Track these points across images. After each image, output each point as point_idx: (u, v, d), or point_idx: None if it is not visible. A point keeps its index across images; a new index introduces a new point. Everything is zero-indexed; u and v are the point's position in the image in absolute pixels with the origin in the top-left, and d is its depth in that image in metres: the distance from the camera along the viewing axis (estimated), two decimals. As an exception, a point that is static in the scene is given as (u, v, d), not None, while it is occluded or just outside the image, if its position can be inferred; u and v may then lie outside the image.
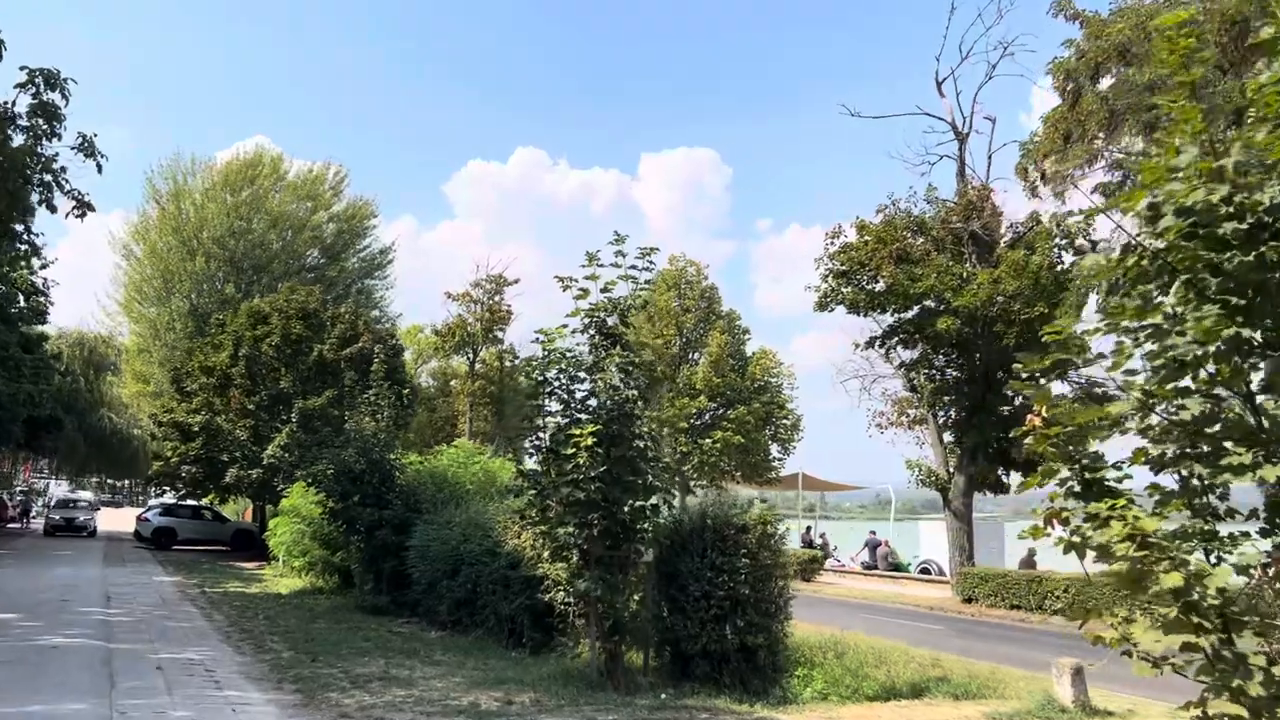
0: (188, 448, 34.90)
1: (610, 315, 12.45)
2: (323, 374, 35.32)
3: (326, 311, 36.95)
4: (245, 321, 35.83)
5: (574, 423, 11.85)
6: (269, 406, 35.00)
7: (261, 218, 65.38)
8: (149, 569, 28.98)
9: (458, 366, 65.57)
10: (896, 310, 24.96)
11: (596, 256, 12.56)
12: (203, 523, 41.52)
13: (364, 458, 20.34)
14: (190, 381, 35.84)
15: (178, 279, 64.18)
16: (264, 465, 33.53)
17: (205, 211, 64.38)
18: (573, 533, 11.34)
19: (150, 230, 65.62)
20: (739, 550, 11.86)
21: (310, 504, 24.08)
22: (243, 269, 62.04)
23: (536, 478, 12.16)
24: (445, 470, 20.60)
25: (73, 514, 44.17)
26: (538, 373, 12.24)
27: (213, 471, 34.76)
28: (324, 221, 67.56)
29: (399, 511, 19.81)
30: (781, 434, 40.81)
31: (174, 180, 65.61)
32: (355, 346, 35.45)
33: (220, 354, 35.53)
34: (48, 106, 17.80)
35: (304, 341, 35.28)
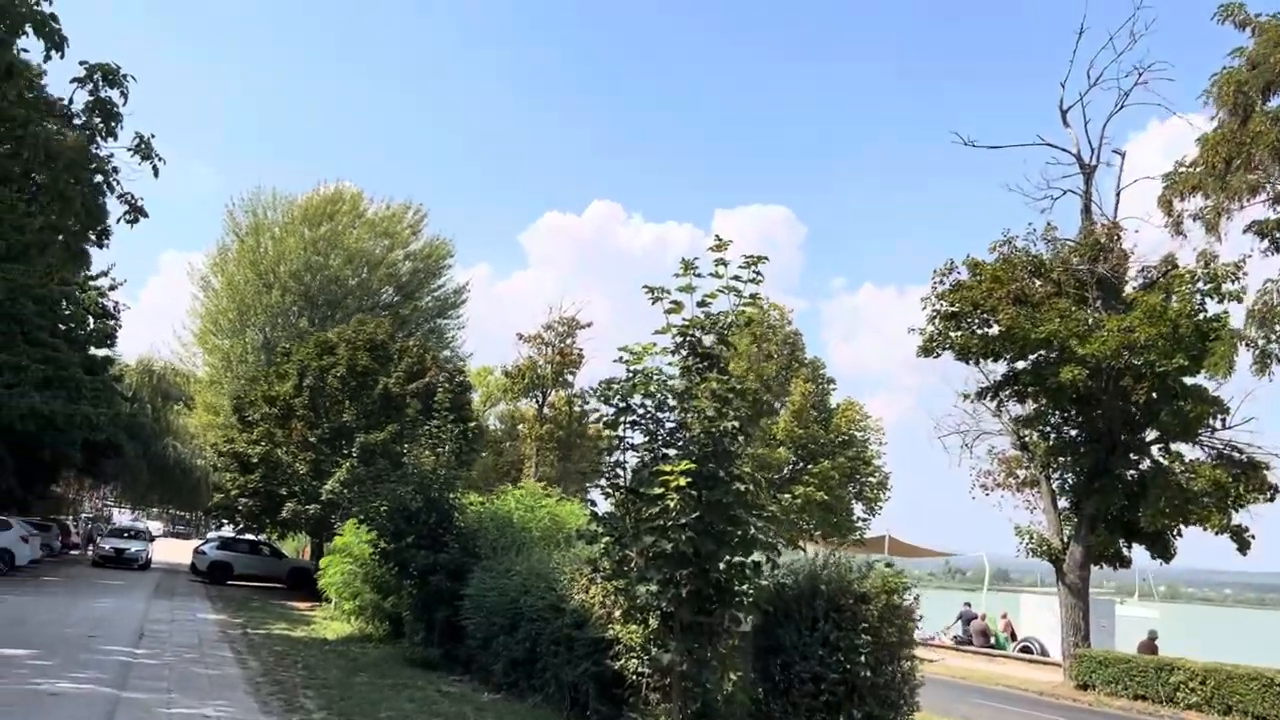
0: (246, 479, 33.64)
1: (707, 333, 10.50)
2: (387, 408, 33.86)
3: (394, 344, 35.62)
4: (312, 351, 34.65)
5: (661, 459, 9.86)
6: (330, 440, 33.61)
7: (338, 253, 65.24)
8: (196, 605, 27.50)
9: (526, 410, 64.21)
10: (1011, 358, 22.60)
11: (693, 264, 10.63)
12: (260, 558, 40.18)
13: (421, 495, 18.57)
14: (252, 411, 34.68)
15: (253, 312, 64.15)
16: (322, 501, 32.05)
17: (283, 245, 64.47)
18: (655, 591, 9.28)
19: (229, 263, 65.91)
20: (858, 624, 9.69)
21: (362, 543, 22.37)
22: (317, 304, 61.73)
23: (613, 523, 10.16)
24: (508, 513, 18.70)
25: (124, 544, 41.17)
26: (619, 397, 10.28)
27: (270, 505, 33.39)
28: (400, 260, 67.22)
29: (455, 555, 17.94)
30: (867, 492, 38.26)
31: (254, 214, 65.95)
32: (422, 381, 33.99)
33: (284, 384, 34.35)
34: (105, 104, 16.48)
35: (370, 374, 33.92)
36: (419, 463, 19.36)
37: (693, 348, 10.48)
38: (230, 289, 64.35)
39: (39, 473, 33.06)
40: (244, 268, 64.01)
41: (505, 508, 19.09)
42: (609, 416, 10.41)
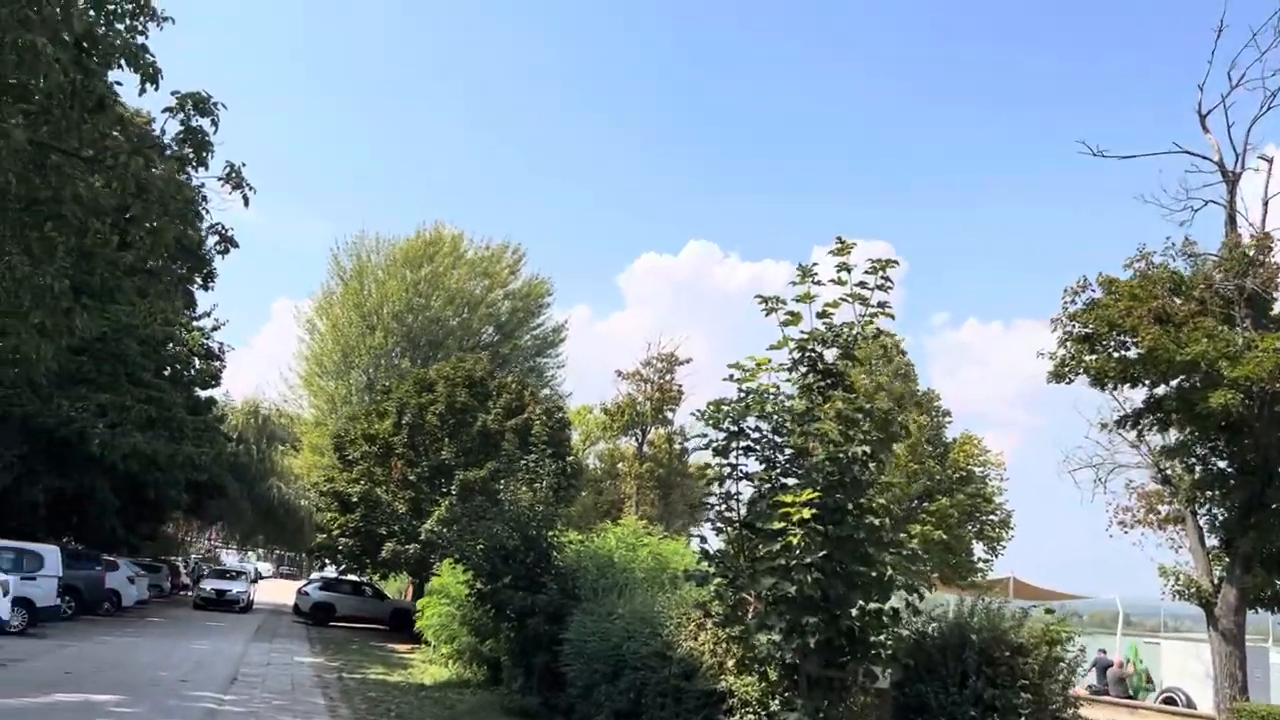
0: (346, 519, 33.39)
1: (829, 347, 9.32)
2: (486, 445, 33.25)
3: (493, 380, 35.11)
4: (411, 389, 34.37)
5: (779, 489, 8.68)
6: (430, 478, 33.16)
7: (439, 294, 65.69)
8: (295, 647, 27.06)
9: (625, 449, 63.37)
10: (1152, 383, 20.66)
11: (811, 271, 9.50)
12: (362, 599, 39.90)
13: (517, 533, 17.64)
14: (353, 449, 34.50)
15: (356, 353, 64.94)
16: (421, 540, 31.54)
17: (386, 288, 65.20)
18: (778, 641, 8.05)
19: (333, 306, 66.99)
20: (1015, 680, 8.29)
21: (459, 584, 21.56)
22: (419, 344, 62.12)
23: (726, 563, 8.99)
24: (609, 552, 17.61)
25: (225, 585, 40.48)
26: (729, 420, 9.14)
27: (370, 545, 33.03)
28: (500, 299, 67.35)
29: (554, 597, 16.92)
30: (988, 531, 36.07)
31: (358, 257, 66.99)
32: (520, 417, 33.32)
33: (384, 421, 34.09)
34: (196, 133, 16.12)
35: (469, 411, 33.43)
36: (516, 499, 18.45)
37: (813, 364, 9.32)
38: (335, 331, 65.37)
39: (145, 513, 33.33)
40: (348, 310, 64.96)
41: (605, 546, 18.02)
42: (719, 441, 9.27)
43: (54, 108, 14.39)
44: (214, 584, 40.27)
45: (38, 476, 26.29)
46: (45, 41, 12.39)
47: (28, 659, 17.43)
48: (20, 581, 21.89)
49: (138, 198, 15.98)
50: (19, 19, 12.32)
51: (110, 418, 26.26)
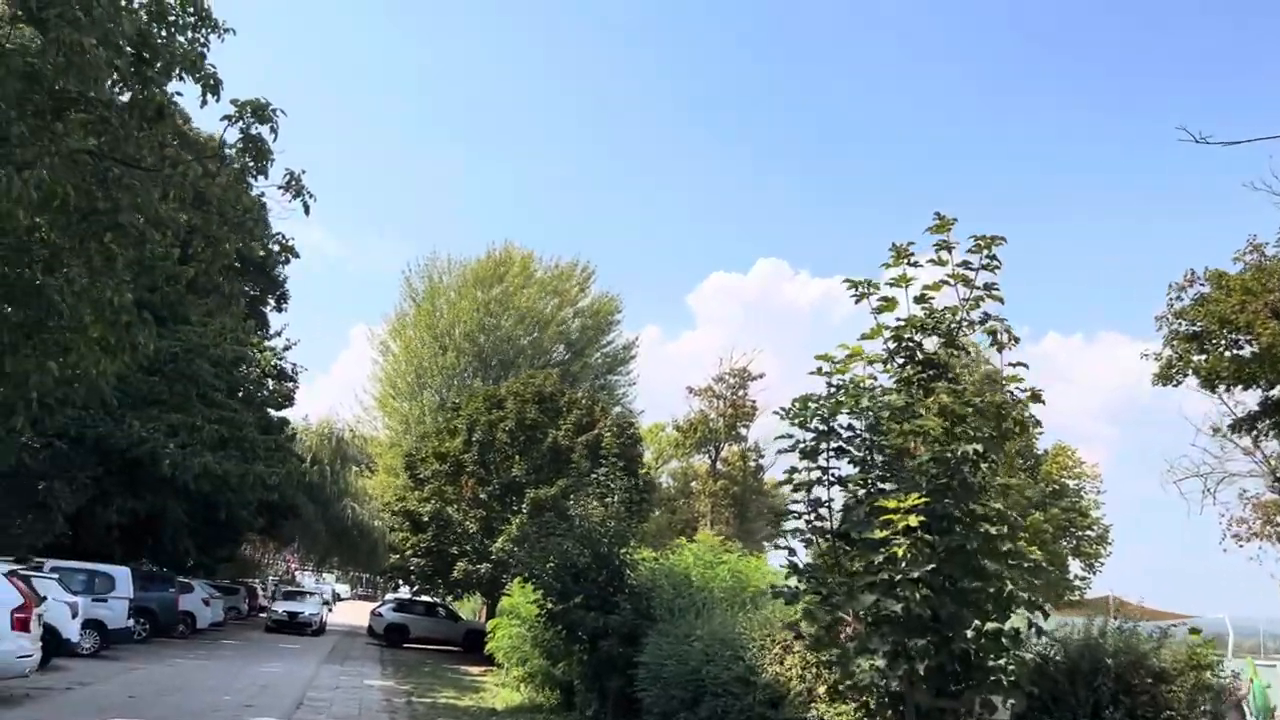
0: (418, 539, 32.95)
1: (929, 335, 8.34)
2: (557, 462, 32.60)
3: (563, 396, 34.45)
4: (481, 405, 33.87)
5: (877, 494, 7.71)
6: (500, 496, 32.58)
7: (510, 314, 65.67)
8: (366, 670, 26.56)
9: (698, 466, 62.38)
10: (1270, 383, 19.18)
11: (907, 251, 8.54)
12: (435, 620, 39.46)
13: (589, 550, 16.81)
14: (424, 468, 34.09)
15: (429, 374, 65.15)
16: (493, 559, 30.93)
17: (457, 308, 65.41)
18: (882, 668, 7.06)
19: (406, 327, 67.40)
20: (1159, 712, 7.18)
21: (529, 604, 20.81)
22: (490, 364, 62.03)
23: (818, 577, 8.02)
24: (685, 570, 16.68)
25: (297, 608, 39.46)
26: (818, 418, 8.19)
27: (442, 565, 32.52)
28: (570, 317, 67.09)
29: (628, 617, 16.05)
30: (1085, 547, 34.25)
31: (429, 279, 67.38)
32: (591, 433, 32.58)
33: (454, 439, 33.64)
34: (255, 141, 15.67)
35: (539, 427, 32.80)
36: (586, 515, 17.65)
37: (911, 354, 8.33)
38: (408, 353, 65.70)
39: (219, 535, 33.31)
40: (420, 331, 65.28)
41: (681, 564, 17.09)
42: (806, 443, 8.31)
43: (111, 117, 14.04)
44: (285, 606, 39.72)
45: (111, 498, 26.29)
46: (94, 43, 12.01)
47: (94, 682, 17.10)
48: (91, 603, 21.71)
49: (197, 209, 15.64)
50: (68, 19, 11.96)
51: (181, 438, 26.16)
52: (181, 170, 15.61)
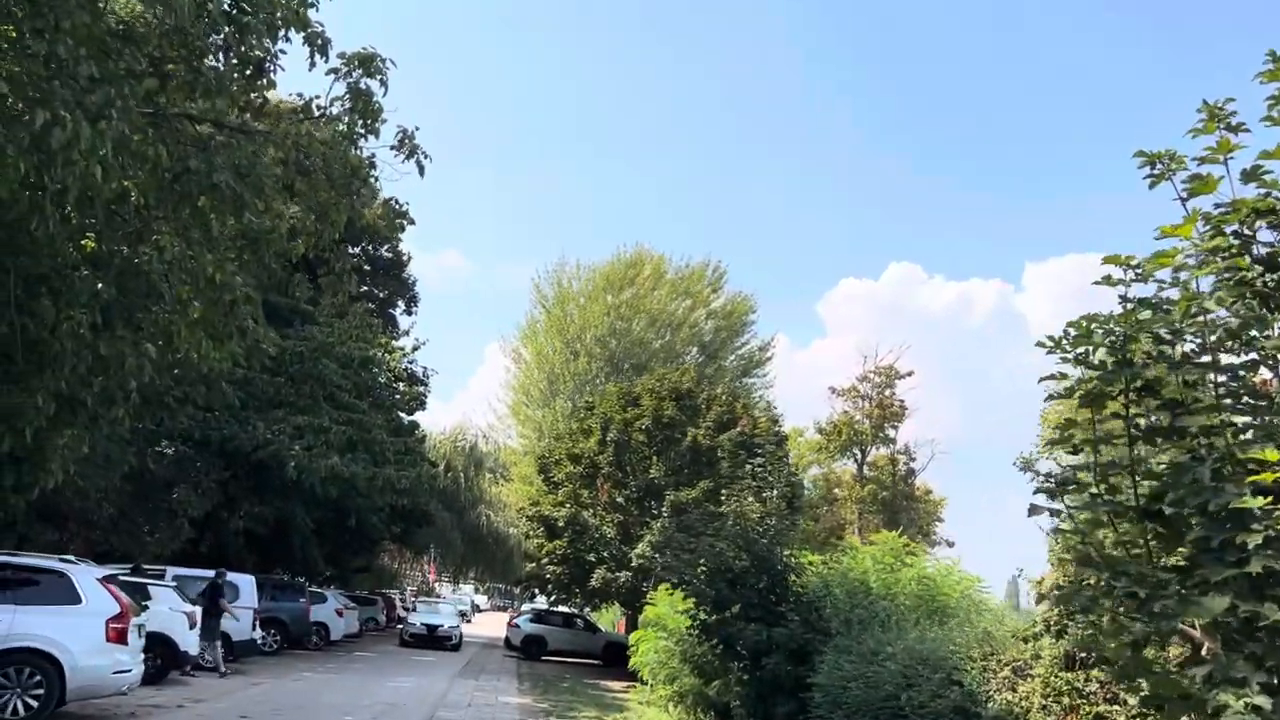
0: (554, 545, 31.20)
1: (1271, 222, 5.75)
2: (696, 462, 30.42)
3: (701, 393, 32.22)
4: (615, 404, 31.96)
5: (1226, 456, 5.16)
6: (639, 499, 30.59)
7: (641, 317, 64.18)
8: (502, 684, 24.80)
9: (842, 472, 59.21)
10: None
11: (1224, 112, 5.94)
12: (574, 632, 37.70)
13: (746, 552, 14.51)
14: (557, 470, 32.38)
15: (561, 380, 64.10)
16: (633, 567, 28.92)
17: (588, 313, 64.34)
18: (1267, 710, 4.52)
19: (537, 334, 66.63)
20: None
21: (677, 614, 18.61)
22: (622, 369, 60.47)
23: (1126, 571, 5.49)
24: (863, 576, 14.18)
25: (437, 620, 36.82)
26: (1109, 347, 5.69)
27: (579, 573, 30.67)
28: (702, 319, 65.13)
29: (796, 630, 13.68)
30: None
31: (559, 284, 66.50)
32: (733, 431, 30.26)
33: (588, 440, 31.82)
34: (363, 95, 13.92)
35: (676, 426, 30.66)
36: (742, 512, 15.33)
37: (1244, 249, 5.75)
38: (539, 359, 64.81)
39: (350, 542, 32.32)
40: (551, 337, 64.34)
41: (857, 568, 14.58)
42: (1088, 381, 5.82)
43: (204, 69, 12.47)
44: (423, 618, 37.56)
45: (237, 503, 25.37)
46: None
47: (207, 699, 15.68)
48: (214, 613, 20.54)
49: (302, 174, 14.01)
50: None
51: (307, 440, 25.02)
52: (284, 128, 14.04)
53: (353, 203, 13.69)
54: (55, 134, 9.47)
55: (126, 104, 10.71)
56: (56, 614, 11.94)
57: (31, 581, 12.15)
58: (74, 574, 12.23)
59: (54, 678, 11.55)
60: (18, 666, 11.53)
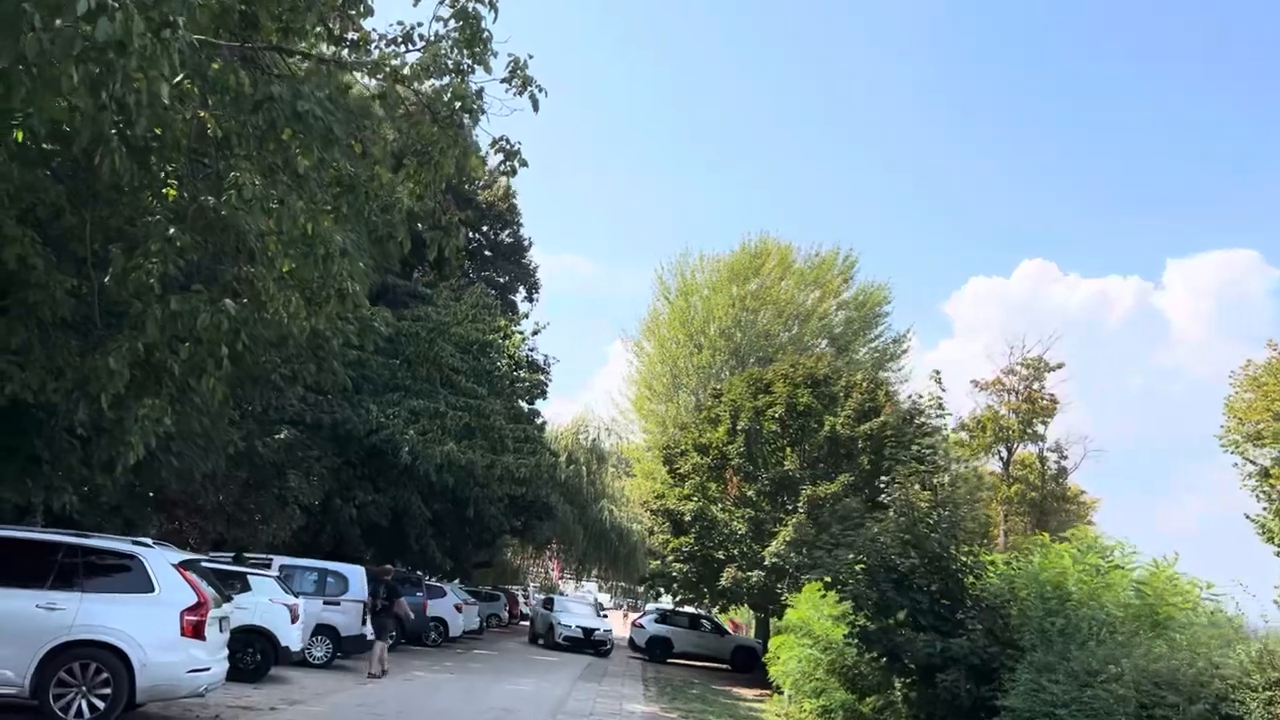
0: (680, 542, 29.19)
1: None
2: (834, 455, 27.99)
3: (839, 379, 29.74)
4: (744, 390, 29.77)
5: None
6: (771, 493, 28.34)
7: (767, 308, 61.89)
8: (626, 690, 22.92)
9: (982, 471, 55.48)
10: None
11: None
12: (700, 634, 35.68)
13: (915, 548, 12.22)
14: (683, 462, 30.38)
15: (684, 374, 62.25)
16: (766, 566, 26.70)
17: (711, 305, 62.42)
18: None
19: (660, 326, 64.93)
20: None
21: (824, 619, 16.39)
22: (747, 362, 58.26)
23: None
24: (1058, 578, 11.69)
25: (593, 624, 33.38)
26: None
27: (707, 571, 28.60)
28: (832, 310, 62.35)
29: (978, 642, 11.36)
30: None
31: (682, 276, 64.68)
32: (876, 421, 27.71)
33: (716, 430, 29.71)
34: (471, 20, 12.10)
35: (812, 414, 28.27)
36: (909, 501, 13.01)
37: None
38: (662, 353, 63.03)
39: (470, 535, 30.99)
40: (674, 330, 62.54)
41: (1050, 569, 12.07)
42: None
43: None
44: (578, 620, 33.60)
45: (350, 491, 24.19)
46: None
47: (304, 701, 14.24)
48: (322, 608, 19.27)
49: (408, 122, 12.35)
50: None
51: (422, 424, 23.69)
52: (380, 58, 12.40)
53: (460, 138, 11.89)
54: (102, 25, 7.76)
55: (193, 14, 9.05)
56: (126, 603, 10.55)
57: (100, 567, 10.78)
58: (147, 558, 10.80)
59: (122, 675, 10.13)
60: (83, 662, 10.15)
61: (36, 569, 10.57)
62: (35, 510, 13.50)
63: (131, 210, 11.93)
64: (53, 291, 11.37)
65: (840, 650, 15.04)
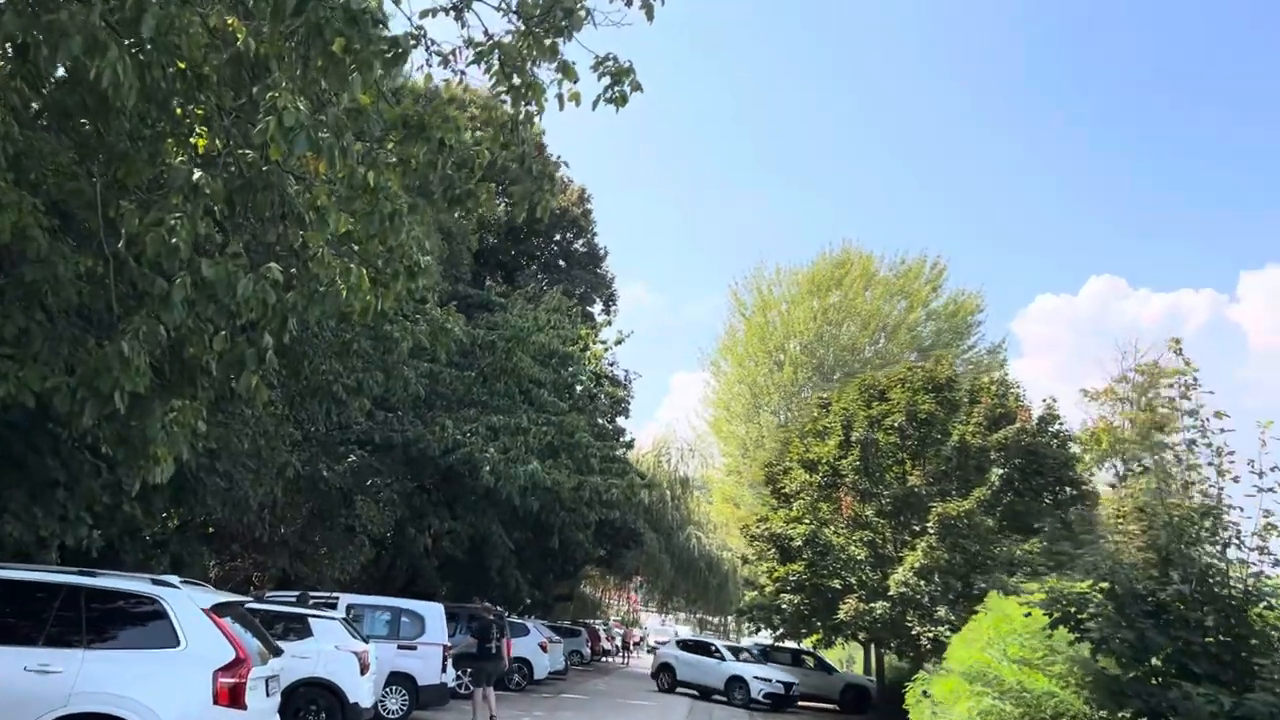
0: (788, 570, 26.05)
1: None
2: (963, 467, 24.74)
3: (961, 384, 26.51)
4: (856, 398, 26.67)
5: None
6: (892, 512, 25.14)
7: (851, 321, 58.71)
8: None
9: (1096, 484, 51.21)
10: None
11: None
12: (804, 671, 32.38)
13: (1178, 569, 9.12)
14: (787, 481, 27.31)
15: (765, 393, 59.33)
16: (890, 596, 23.51)
17: (791, 319, 59.44)
18: None
19: (737, 344, 62.19)
20: None
21: (1005, 661, 13.25)
22: (832, 378, 55.10)
23: None
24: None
25: (784, 676, 28.42)
26: None
27: (821, 603, 25.44)
28: (921, 320, 58.88)
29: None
30: None
31: (758, 291, 61.90)
32: (1011, 428, 24.44)
33: (826, 442, 26.60)
34: None
35: (935, 423, 25.09)
36: (1163, 502, 9.89)
37: None
38: (740, 371, 60.21)
39: (554, 566, 28.27)
40: (753, 346, 59.68)
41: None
42: None
43: None
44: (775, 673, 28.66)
45: (424, 518, 21.61)
46: None
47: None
48: (397, 653, 16.59)
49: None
50: None
51: (503, 442, 21.03)
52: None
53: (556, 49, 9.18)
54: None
55: None
56: (143, 662, 7.94)
57: (109, 615, 8.19)
58: (169, 602, 8.17)
59: (137, 760, 7.50)
60: (83, 743, 7.54)
61: (26, 620, 8.04)
62: (49, 546, 10.99)
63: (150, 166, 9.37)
64: (56, 268, 8.86)
65: (1038, 702, 11.90)
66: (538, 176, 10.75)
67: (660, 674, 30.26)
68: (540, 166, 11.10)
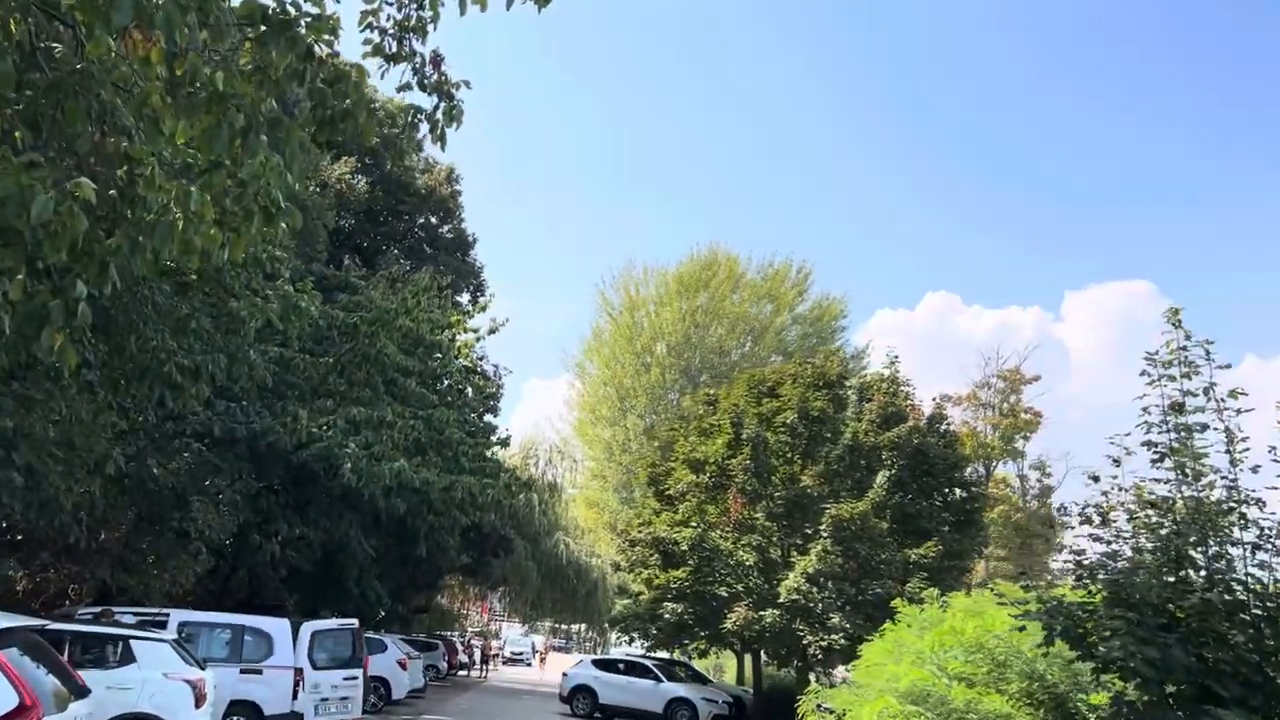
0: (670, 577, 24.40)
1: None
2: (855, 467, 23.65)
3: (852, 382, 25.46)
4: (745, 394, 25.27)
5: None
6: (783, 514, 23.80)
7: (719, 323, 58.01)
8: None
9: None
10: None
11: None
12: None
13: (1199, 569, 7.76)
14: (672, 482, 25.68)
15: (632, 395, 57.95)
16: (781, 604, 22.14)
17: (659, 320, 58.29)
18: None
19: (603, 346, 60.59)
20: None
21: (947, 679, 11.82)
22: (699, 381, 54.16)
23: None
24: None
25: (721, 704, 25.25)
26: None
27: (706, 611, 23.88)
28: (787, 324, 58.67)
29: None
30: None
31: (626, 291, 60.48)
32: (902, 427, 23.47)
33: (712, 442, 25.09)
34: None
35: (827, 421, 23.91)
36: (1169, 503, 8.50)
37: None
38: (606, 373, 58.61)
39: (415, 574, 25.76)
40: (619, 348, 58.15)
41: None
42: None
43: None
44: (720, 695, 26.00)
45: (271, 522, 18.95)
46: None
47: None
48: (239, 678, 14.06)
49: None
50: None
51: (364, 437, 18.59)
52: None
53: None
54: None
55: None
56: None
57: None
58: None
59: None
60: None
61: None
62: None
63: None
64: None
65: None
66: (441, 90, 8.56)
67: (576, 698, 27.21)
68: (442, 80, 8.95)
